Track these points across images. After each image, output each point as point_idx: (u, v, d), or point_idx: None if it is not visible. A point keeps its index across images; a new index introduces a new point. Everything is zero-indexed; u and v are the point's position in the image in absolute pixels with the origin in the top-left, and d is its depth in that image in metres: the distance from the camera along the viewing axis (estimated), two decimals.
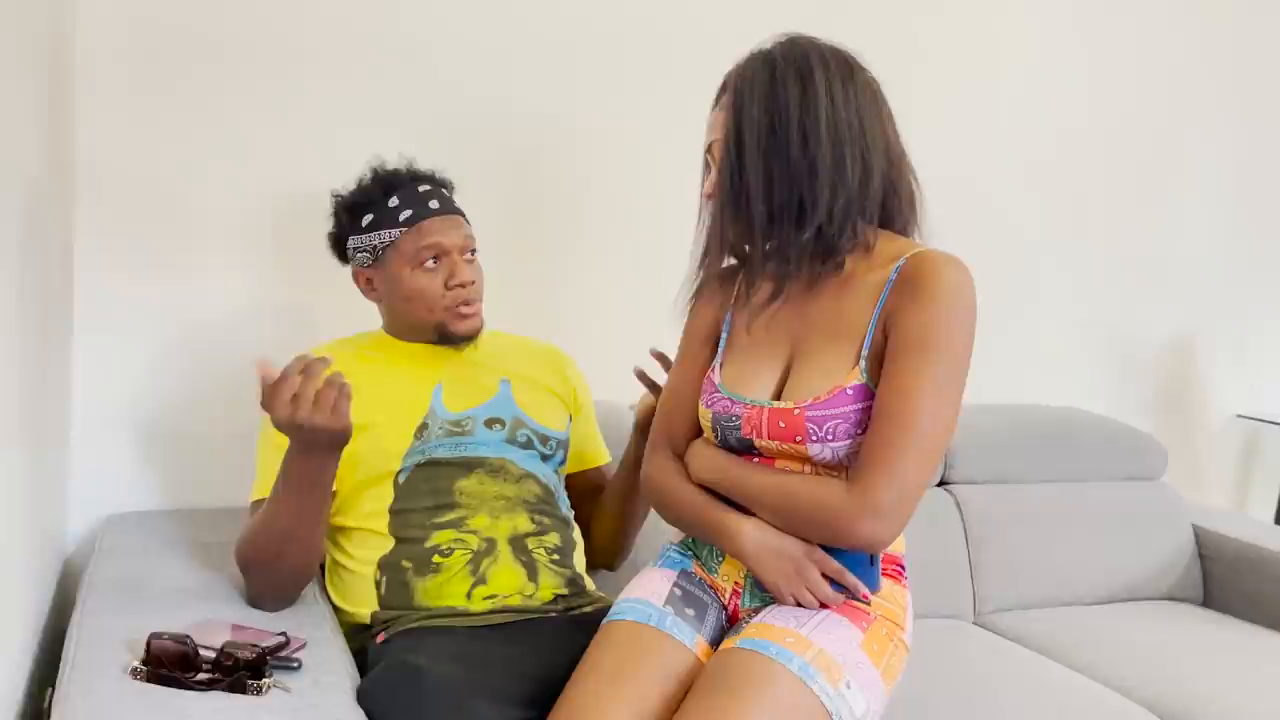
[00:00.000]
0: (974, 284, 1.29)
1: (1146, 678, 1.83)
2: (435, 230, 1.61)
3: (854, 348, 1.31)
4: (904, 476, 1.23)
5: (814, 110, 1.28)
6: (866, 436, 1.27)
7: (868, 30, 2.35)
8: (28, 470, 1.44)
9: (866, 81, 1.34)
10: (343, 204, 1.68)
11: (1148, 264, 2.74)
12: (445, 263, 1.62)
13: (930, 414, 1.24)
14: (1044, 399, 2.57)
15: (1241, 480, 2.95)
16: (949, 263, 1.29)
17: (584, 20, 2.15)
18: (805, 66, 1.30)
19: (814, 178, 1.28)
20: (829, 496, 1.26)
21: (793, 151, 1.29)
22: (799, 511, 1.29)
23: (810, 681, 1.22)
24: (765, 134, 1.29)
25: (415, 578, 1.53)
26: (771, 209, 1.31)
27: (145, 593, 1.50)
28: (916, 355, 1.25)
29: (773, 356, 1.38)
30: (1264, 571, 2.19)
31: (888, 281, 1.31)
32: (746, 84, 1.32)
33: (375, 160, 1.69)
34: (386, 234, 1.63)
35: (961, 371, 1.28)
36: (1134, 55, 2.66)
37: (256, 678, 1.25)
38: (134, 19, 1.86)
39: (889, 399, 1.26)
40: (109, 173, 1.87)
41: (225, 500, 1.90)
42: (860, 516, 1.23)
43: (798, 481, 1.31)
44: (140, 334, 1.91)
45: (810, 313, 1.36)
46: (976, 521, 2.17)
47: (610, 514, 1.75)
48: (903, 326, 1.27)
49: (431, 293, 1.62)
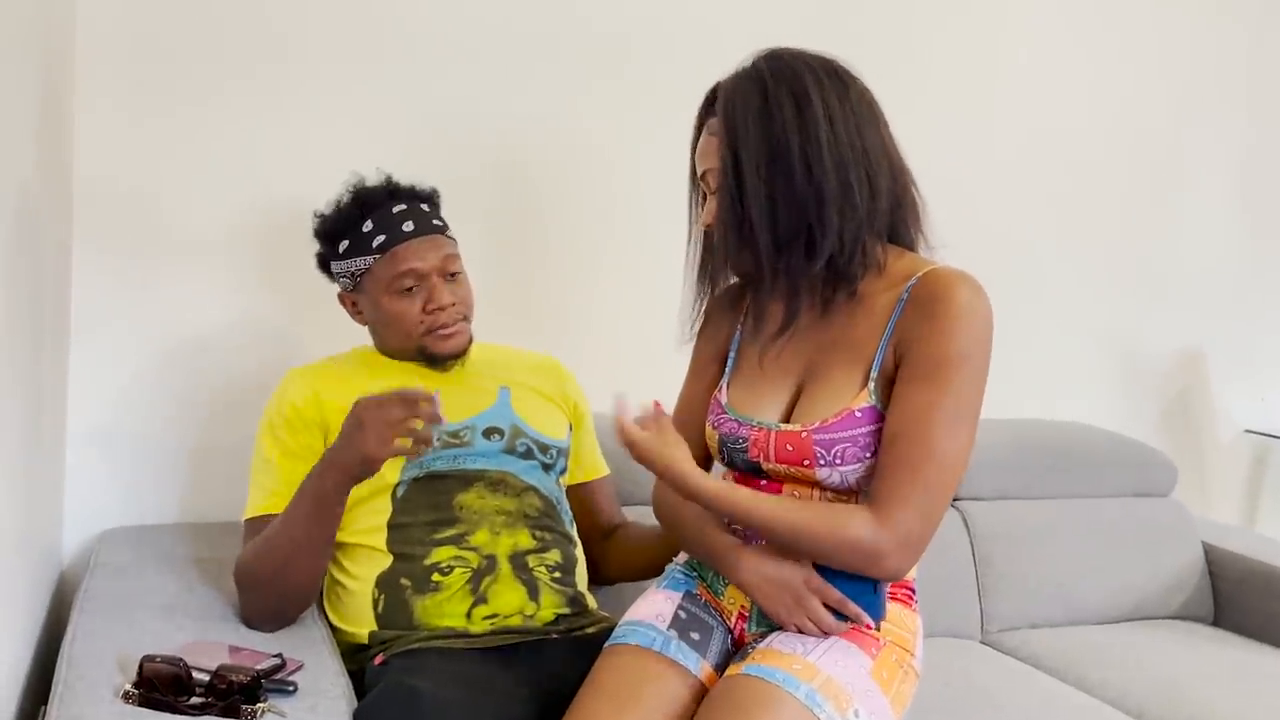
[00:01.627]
0: (989, 301, 1.26)
1: (1156, 698, 1.80)
2: (410, 255, 1.59)
3: (863, 369, 1.29)
4: (932, 505, 1.22)
5: (814, 134, 1.24)
6: (885, 463, 1.24)
7: (870, 39, 2.36)
8: (23, 484, 1.43)
9: (861, 92, 1.29)
10: (321, 229, 1.66)
11: (1155, 277, 2.72)
12: (423, 286, 1.60)
13: (953, 439, 1.23)
14: (1051, 414, 2.55)
15: (1251, 496, 2.93)
16: (962, 281, 1.26)
17: (584, 26, 2.14)
18: (799, 86, 1.25)
19: (821, 205, 1.24)
20: (857, 533, 1.22)
21: (796, 180, 1.24)
22: (822, 548, 1.25)
23: (817, 710, 1.19)
24: (765, 163, 1.25)
25: (414, 596, 1.51)
26: (778, 239, 1.27)
27: (139, 610, 1.49)
28: (935, 379, 1.23)
29: (783, 379, 1.36)
30: (1275, 590, 2.16)
31: (899, 301, 1.28)
32: (739, 109, 1.27)
33: (354, 178, 1.66)
34: (362, 261, 1.61)
35: (980, 393, 1.26)
36: (1141, 64, 2.64)
37: (250, 702, 1.23)
38: (131, 34, 1.85)
39: (909, 425, 1.23)
40: (105, 186, 1.86)
41: (220, 515, 1.89)
42: (893, 552, 1.22)
43: (819, 517, 1.25)
44: (136, 348, 1.90)
45: (821, 335, 1.34)
46: (983, 539, 2.15)
47: (638, 559, 1.70)
48: (918, 350, 1.24)
49: (409, 318, 1.60)
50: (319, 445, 1.57)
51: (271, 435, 1.59)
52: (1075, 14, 2.57)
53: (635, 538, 1.74)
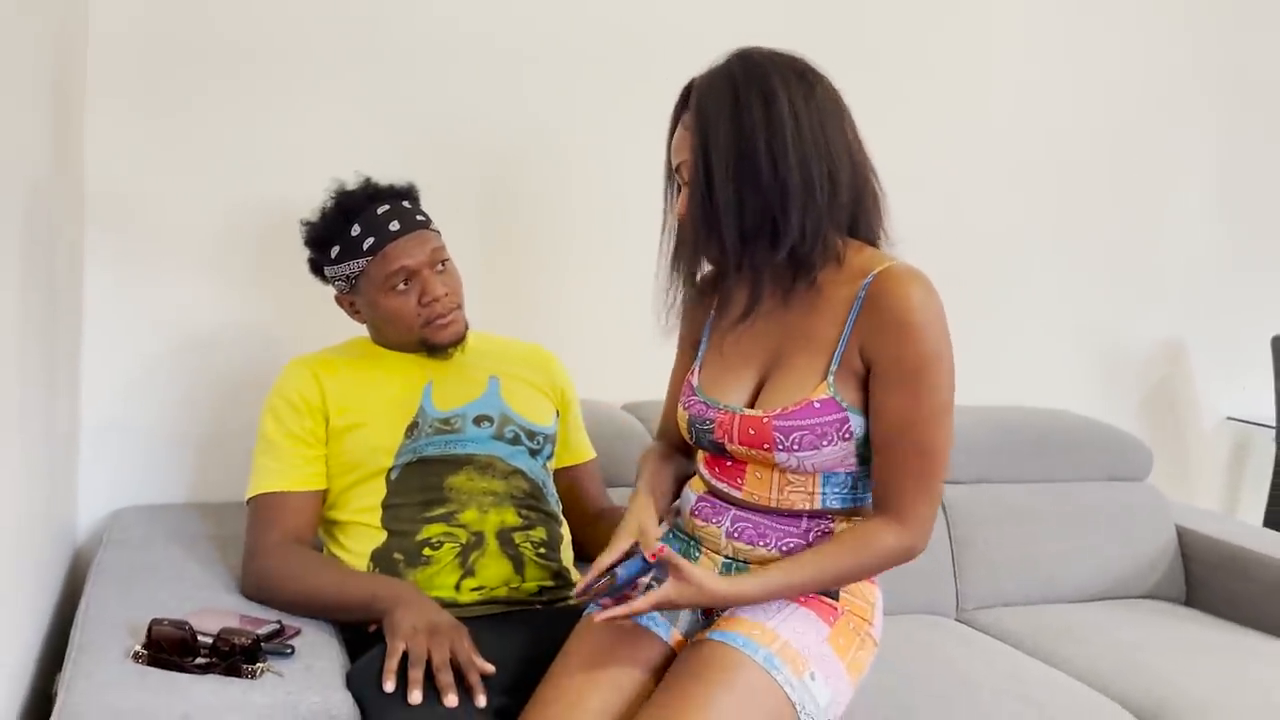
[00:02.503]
0: (938, 295, 1.34)
1: (1122, 673, 1.87)
2: (400, 253, 1.65)
3: (823, 362, 1.36)
4: (934, 490, 1.36)
5: (780, 131, 1.30)
6: (884, 468, 1.34)
7: (858, 39, 2.43)
8: (41, 466, 1.51)
9: (826, 91, 1.36)
10: (310, 237, 1.72)
11: (1137, 266, 2.77)
12: (416, 281, 1.67)
13: (939, 432, 1.33)
14: (1035, 402, 2.61)
15: (1232, 482, 2.98)
16: (913, 281, 1.32)
17: (570, 29, 2.20)
18: (767, 86, 1.31)
19: (785, 199, 1.31)
20: (889, 545, 1.34)
21: (762, 176, 1.31)
22: (866, 574, 1.39)
23: (775, 672, 1.28)
24: (733, 159, 1.31)
25: (406, 569, 1.59)
26: (744, 230, 1.33)
27: (149, 582, 1.57)
28: (912, 384, 1.31)
29: (748, 364, 1.43)
30: (1244, 572, 2.22)
31: (856, 299, 1.34)
32: (711, 105, 1.33)
33: (334, 183, 1.72)
34: (355, 264, 1.67)
35: (952, 382, 1.35)
36: (1122, 61, 2.69)
37: (251, 662, 1.32)
38: (141, 39, 1.94)
39: (898, 431, 1.32)
40: (115, 186, 1.94)
41: (225, 495, 1.98)
42: (918, 541, 1.36)
43: (851, 552, 1.35)
44: (145, 340, 1.99)
45: (784, 324, 1.40)
46: (961, 521, 2.22)
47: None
48: (888, 357, 1.32)
49: (407, 313, 1.67)
50: (320, 430, 1.65)
51: (275, 419, 1.66)
52: (1059, 15, 2.62)
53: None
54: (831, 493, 1.38)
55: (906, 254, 1.43)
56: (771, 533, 1.39)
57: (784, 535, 1.39)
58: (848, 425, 1.33)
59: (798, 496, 1.38)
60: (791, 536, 1.39)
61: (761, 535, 1.39)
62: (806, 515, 1.39)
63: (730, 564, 1.42)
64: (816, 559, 1.34)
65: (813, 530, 1.39)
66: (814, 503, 1.38)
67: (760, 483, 1.40)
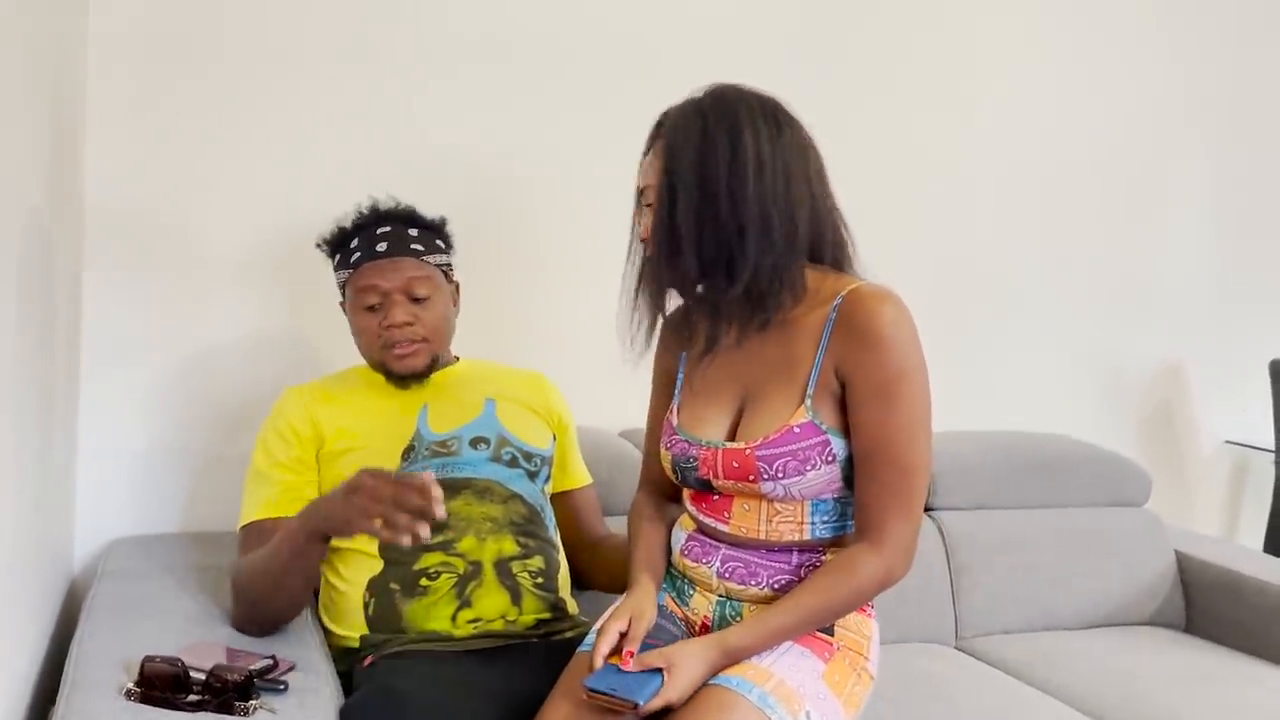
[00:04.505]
0: (910, 312, 1.35)
1: (1121, 702, 1.86)
2: (374, 273, 1.69)
3: (800, 387, 1.36)
4: (913, 509, 1.34)
5: (742, 170, 1.32)
6: (862, 487, 1.34)
7: (850, 60, 2.43)
8: (37, 494, 1.51)
9: (794, 135, 1.37)
10: (322, 242, 1.78)
11: (1135, 289, 2.78)
12: (384, 304, 1.69)
13: (915, 448, 1.33)
14: (1033, 426, 2.61)
15: (1231, 506, 2.98)
16: (883, 300, 1.34)
17: (565, 46, 2.21)
18: (735, 125, 1.33)
19: (742, 236, 1.33)
20: (868, 574, 1.33)
21: (721, 212, 1.33)
22: (850, 608, 1.37)
23: (770, 711, 1.27)
24: (696, 193, 1.34)
25: (403, 600, 1.59)
26: (702, 261, 1.35)
27: (143, 615, 1.57)
28: (885, 401, 1.32)
29: (725, 398, 1.44)
30: (1244, 598, 2.21)
31: (828, 320, 1.36)
32: (680, 138, 1.36)
33: (370, 199, 1.77)
34: (342, 274, 1.74)
35: (928, 398, 1.35)
36: (1118, 84, 2.70)
37: (244, 699, 1.31)
38: (141, 52, 1.94)
39: (874, 449, 1.32)
40: (115, 209, 1.94)
41: (222, 525, 1.97)
42: (898, 565, 1.34)
43: (832, 586, 1.34)
44: (145, 362, 1.99)
45: (757, 355, 1.41)
46: (959, 548, 2.21)
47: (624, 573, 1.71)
48: (861, 377, 1.33)
49: (370, 333, 1.70)
50: (311, 460, 1.66)
51: (266, 449, 1.67)
52: (1054, 34, 2.63)
53: (621, 552, 1.80)
54: (820, 521, 1.38)
55: (902, 278, 1.44)
56: (763, 570, 1.39)
57: (775, 572, 1.39)
58: (829, 448, 1.34)
59: (786, 527, 1.38)
60: (783, 574, 1.39)
61: (753, 574, 1.39)
62: (797, 549, 1.39)
63: (725, 602, 1.42)
64: (803, 602, 1.34)
65: (804, 565, 1.39)
66: (803, 533, 1.38)
67: (748, 515, 1.40)
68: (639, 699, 1.25)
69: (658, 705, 1.27)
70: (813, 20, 2.38)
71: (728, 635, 1.33)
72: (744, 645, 1.33)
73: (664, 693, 1.27)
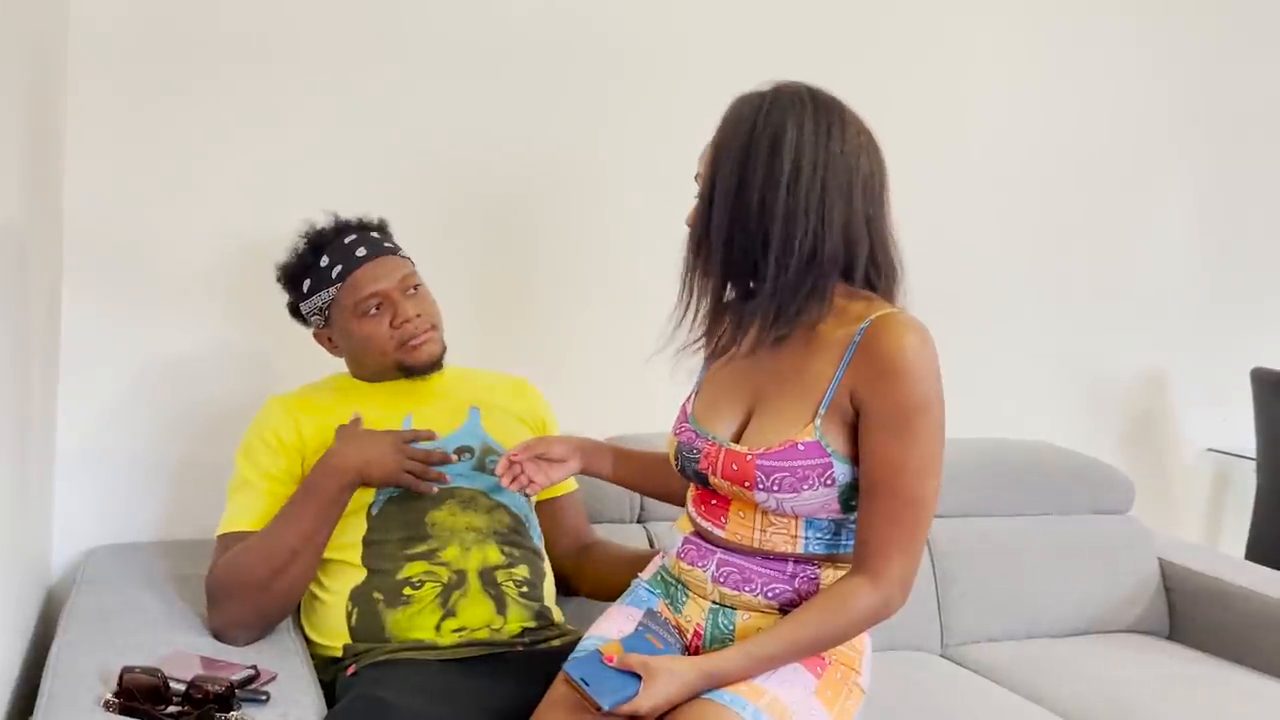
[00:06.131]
0: (934, 345, 1.32)
1: (1105, 708, 1.87)
2: (369, 278, 1.68)
3: (811, 405, 1.34)
4: (914, 545, 1.32)
5: (775, 182, 1.30)
6: (865, 516, 1.32)
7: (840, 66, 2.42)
8: (13, 503, 1.49)
9: (845, 146, 1.33)
10: (284, 276, 1.75)
11: (1118, 298, 2.79)
12: (387, 305, 1.68)
13: (924, 484, 1.31)
14: (1016, 434, 2.61)
15: (1214, 514, 2.99)
16: (909, 330, 1.31)
17: (568, 52, 2.21)
18: (780, 131, 1.30)
19: (765, 248, 1.32)
20: (863, 605, 1.31)
21: (750, 220, 1.32)
22: (844, 637, 1.35)
23: None
24: (733, 193, 1.32)
25: (386, 609, 1.58)
26: (728, 260, 1.35)
27: (121, 625, 1.55)
28: (899, 433, 1.29)
29: (739, 397, 1.42)
30: (1227, 605, 2.22)
31: (851, 343, 1.33)
32: (729, 134, 1.34)
33: (305, 226, 1.75)
34: (326, 293, 1.70)
35: (942, 435, 1.33)
36: (1102, 91, 2.71)
37: (225, 710, 1.29)
38: (120, 62, 1.92)
39: (882, 479, 1.30)
40: (93, 216, 1.93)
41: (200, 533, 1.94)
42: (894, 598, 1.32)
43: (827, 615, 1.32)
44: (122, 372, 1.97)
45: (778, 360, 1.39)
46: (944, 555, 2.21)
47: (611, 579, 1.71)
48: (878, 405, 1.30)
49: (380, 337, 1.68)
50: (296, 469, 1.64)
51: (252, 458, 1.65)
52: (1039, 47, 2.64)
53: (608, 558, 1.80)
54: (814, 537, 1.37)
55: None
56: (757, 577, 1.38)
57: (769, 580, 1.38)
58: (830, 471, 1.32)
59: (780, 538, 1.37)
60: (777, 582, 1.38)
61: (747, 580, 1.38)
62: (791, 559, 1.38)
63: (718, 609, 1.41)
64: (796, 630, 1.32)
65: (798, 576, 1.38)
66: (796, 546, 1.37)
67: (743, 522, 1.39)
68: (604, 703, 1.24)
69: (625, 712, 1.26)
70: (806, 34, 2.38)
71: (714, 660, 1.31)
72: (728, 672, 1.31)
73: (634, 702, 1.25)
